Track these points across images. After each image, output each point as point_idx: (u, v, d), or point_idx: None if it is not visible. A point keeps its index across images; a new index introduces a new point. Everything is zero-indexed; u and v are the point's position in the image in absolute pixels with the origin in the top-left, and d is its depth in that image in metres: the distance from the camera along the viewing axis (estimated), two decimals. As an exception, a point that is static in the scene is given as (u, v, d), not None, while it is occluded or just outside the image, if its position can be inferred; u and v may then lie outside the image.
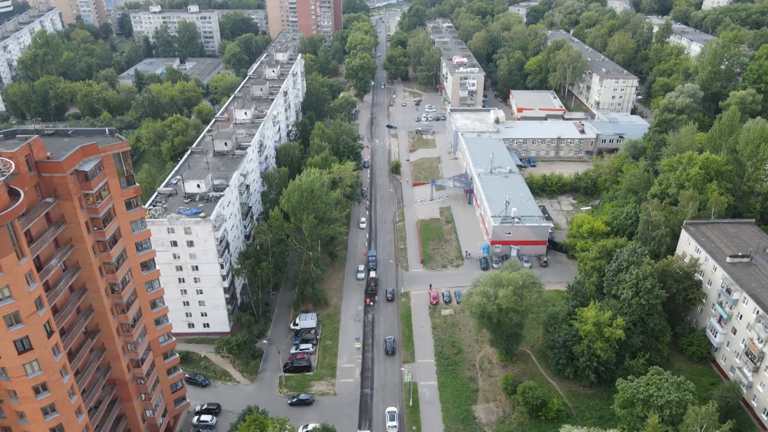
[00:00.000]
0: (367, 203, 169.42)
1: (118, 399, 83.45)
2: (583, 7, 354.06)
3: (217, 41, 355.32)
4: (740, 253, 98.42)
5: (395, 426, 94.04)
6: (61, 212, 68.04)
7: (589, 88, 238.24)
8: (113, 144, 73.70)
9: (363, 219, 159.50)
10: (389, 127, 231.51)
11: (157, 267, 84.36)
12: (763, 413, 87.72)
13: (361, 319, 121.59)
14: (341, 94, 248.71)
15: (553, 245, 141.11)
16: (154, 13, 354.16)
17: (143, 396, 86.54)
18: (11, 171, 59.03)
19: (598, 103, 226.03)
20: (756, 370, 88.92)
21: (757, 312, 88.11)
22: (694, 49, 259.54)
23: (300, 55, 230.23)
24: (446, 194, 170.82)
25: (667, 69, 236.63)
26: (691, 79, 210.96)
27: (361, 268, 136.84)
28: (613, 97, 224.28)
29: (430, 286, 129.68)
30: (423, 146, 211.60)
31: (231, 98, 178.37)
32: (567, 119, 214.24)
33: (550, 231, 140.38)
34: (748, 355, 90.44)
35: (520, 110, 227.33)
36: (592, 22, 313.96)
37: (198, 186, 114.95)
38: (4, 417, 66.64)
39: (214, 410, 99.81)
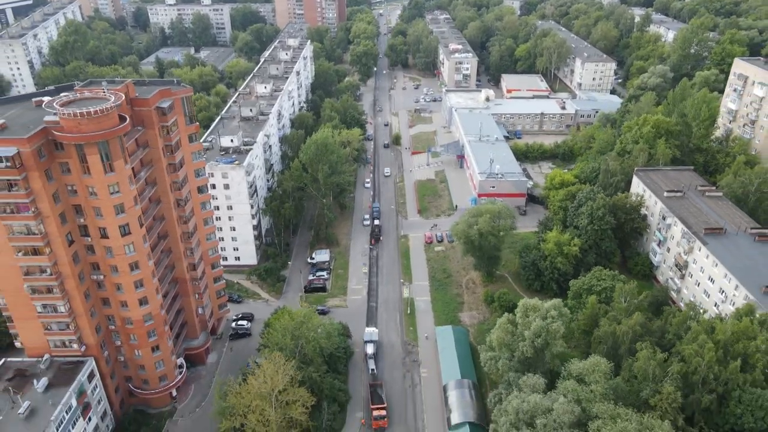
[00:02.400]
0: (371, 168, 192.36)
1: (179, 295, 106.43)
2: (574, 0, 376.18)
3: (229, 32, 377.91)
4: (675, 189, 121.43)
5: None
6: (146, 138, 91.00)
7: (572, 71, 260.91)
8: (180, 90, 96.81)
9: (368, 180, 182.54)
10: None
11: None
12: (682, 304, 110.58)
13: (367, 254, 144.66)
14: (346, 79, 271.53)
15: (531, 199, 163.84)
16: (170, 5, 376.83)
17: (197, 295, 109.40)
18: (120, 101, 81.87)
19: (580, 85, 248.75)
20: (682, 277, 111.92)
21: (683, 230, 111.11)
22: (671, 36, 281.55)
23: (309, 41, 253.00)
24: (441, 161, 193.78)
25: (645, 54, 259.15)
26: (664, 63, 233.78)
27: (367, 217, 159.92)
28: (593, 78, 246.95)
29: (433, 225, 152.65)
30: (421, 123, 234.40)
31: (251, 76, 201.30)
32: (551, 98, 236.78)
33: (528, 186, 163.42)
34: (677, 266, 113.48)
35: (509, 91, 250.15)
36: (580, 13, 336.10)
37: (231, 141, 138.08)
38: (105, 290, 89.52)
39: (249, 318, 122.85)
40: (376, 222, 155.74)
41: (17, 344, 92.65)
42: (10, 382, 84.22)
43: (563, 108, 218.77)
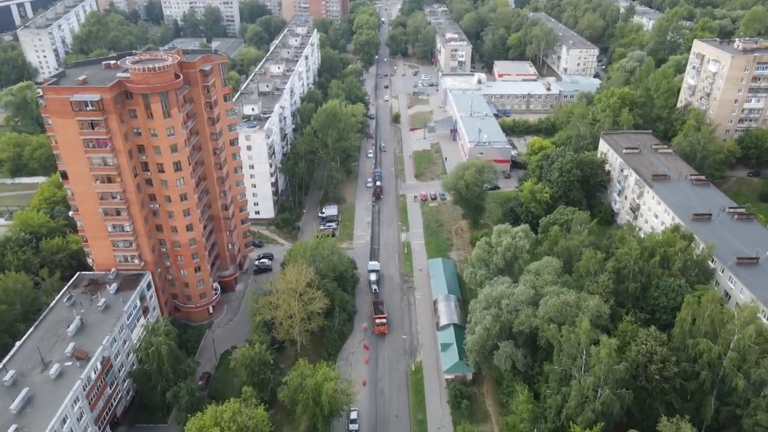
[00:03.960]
0: (373, 142, 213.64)
1: (213, 231, 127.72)
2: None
3: (238, 24, 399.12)
4: (632, 146, 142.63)
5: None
6: (191, 95, 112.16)
7: (559, 57, 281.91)
8: (218, 57, 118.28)
9: (370, 151, 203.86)
10: (386, 85, 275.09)
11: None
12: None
13: (370, 209, 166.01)
14: (349, 66, 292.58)
15: (515, 165, 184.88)
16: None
17: (228, 232, 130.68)
18: (176, 61, 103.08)
19: (565, 70, 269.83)
20: (635, 218, 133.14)
21: (636, 179, 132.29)
22: (651, 26, 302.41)
23: (315, 30, 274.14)
24: (436, 135, 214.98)
25: (627, 42, 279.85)
26: (643, 49, 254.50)
27: (369, 180, 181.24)
28: (578, 64, 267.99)
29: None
30: (419, 104, 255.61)
31: (265, 59, 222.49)
32: (538, 81, 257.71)
33: (513, 154, 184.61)
34: (631, 210, 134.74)
35: (500, 76, 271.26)
36: (570, 5, 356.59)
37: (252, 110, 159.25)
38: (159, 217, 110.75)
39: (269, 257, 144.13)
40: (378, 183, 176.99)
41: (89, 262, 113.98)
42: (87, 288, 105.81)
43: (548, 89, 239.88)
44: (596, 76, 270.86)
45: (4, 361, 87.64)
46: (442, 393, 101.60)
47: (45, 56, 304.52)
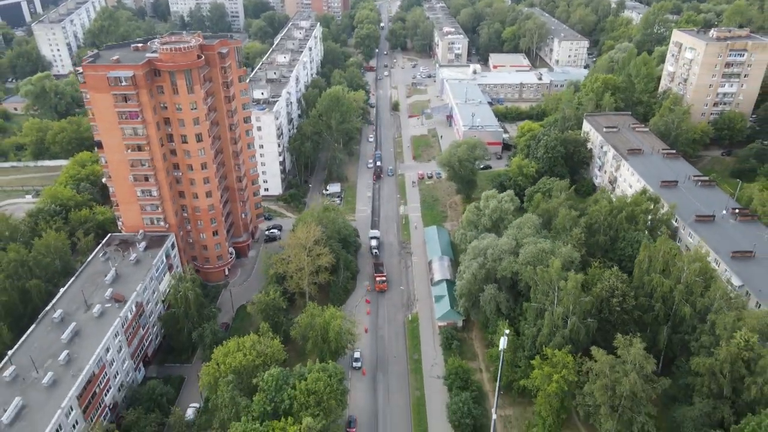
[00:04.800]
0: (374, 128, 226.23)
1: (229, 201, 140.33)
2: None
3: (242, 20, 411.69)
4: (611, 125, 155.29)
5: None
6: (210, 75, 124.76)
7: (551, 50, 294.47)
8: (233, 41, 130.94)
9: (371, 136, 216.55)
10: (383, 76, 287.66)
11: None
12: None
13: (371, 187, 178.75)
14: (351, 59, 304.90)
15: (506, 147, 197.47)
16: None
17: (241, 203, 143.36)
18: (198, 42, 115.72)
19: (557, 61, 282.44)
20: (613, 190, 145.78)
21: (614, 154, 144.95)
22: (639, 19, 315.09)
23: (318, 23, 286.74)
24: (433, 121, 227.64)
25: (617, 36, 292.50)
26: (630, 41, 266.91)
27: (371, 161, 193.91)
28: (569, 55, 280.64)
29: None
30: (417, 93, 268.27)
31: (271, 50, 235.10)
32: (531, 72, 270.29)
33: (504, 137, 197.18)
34: (609, 182, 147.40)
35: (495, 67, 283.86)
36: (564, 1, 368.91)
37: (262, 93, 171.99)
38: (181, 184, 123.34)
39: (278, 227, 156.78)
40: (378, 163, 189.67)
41: (119, 224, 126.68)
42: (119, 246, 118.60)
43: (540, 79, 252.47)
44: (586, 67, 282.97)
45: (53, 302, 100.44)
46: (435, 338, 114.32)
47: (58, 50, 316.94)
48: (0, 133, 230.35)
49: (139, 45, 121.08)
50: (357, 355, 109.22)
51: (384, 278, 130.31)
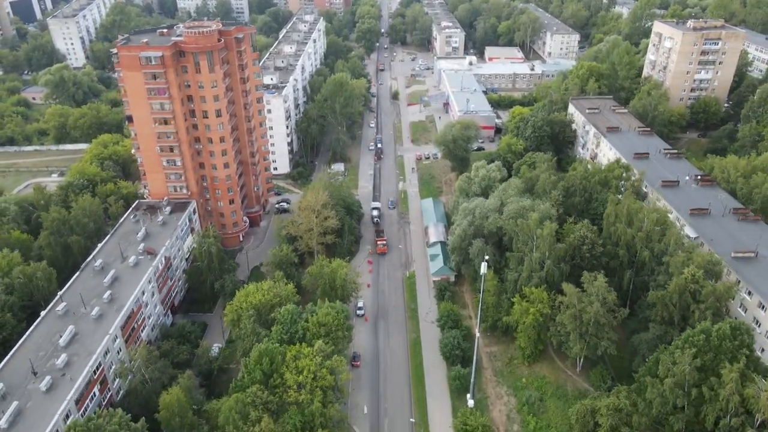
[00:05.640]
0: (375, 115, 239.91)
1: (243, 174, 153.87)
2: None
3: (247, 16, 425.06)
4: (594, 108, 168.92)
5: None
6: (228, 58, 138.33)
7: (544, 43, 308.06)
8: (248, 28, 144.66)
9: (372, 122, 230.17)
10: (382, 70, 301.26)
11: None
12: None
13: (372, 166, 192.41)
14: (352, 52, 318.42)
15: (498, 131, 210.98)
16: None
17: (254, 176, 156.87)
18: (218, 27, 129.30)
19: (549, 54, 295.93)
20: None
21: (594, 132, 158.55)
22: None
23: (321, 18, 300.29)
24: (431, 109, 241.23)
25: (607, 30, 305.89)
26: (619, 34, 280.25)
27: (372, 144, 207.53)
28: (561, 48, 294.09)
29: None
30: (416, 84, 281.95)
31: (278, 42, 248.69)
32: (524, 63, 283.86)
33: (497, 122, 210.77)
34: (591, 159, 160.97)
35: (491, 59, 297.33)
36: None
37: (271, 79, 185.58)
38: (201, 156, 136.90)
39: (287, 201, 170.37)
40: (379, 146, 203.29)
41: (146, 193, 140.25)
42: (146, 211, 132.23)
43: (532, 70, 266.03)
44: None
45: (93, 254, 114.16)
46: (430, 291, 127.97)
47: (72, 43, 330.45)
48: (22, 120, 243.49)
49: (164, 30, 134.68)
50: (360, 304, 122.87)
51: (384, 242, 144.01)
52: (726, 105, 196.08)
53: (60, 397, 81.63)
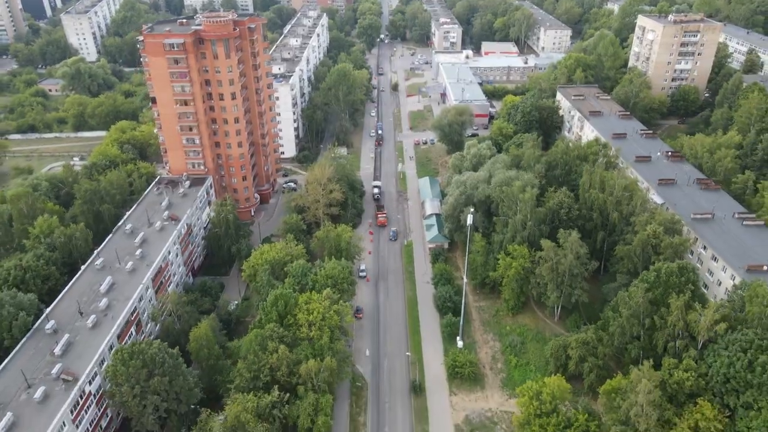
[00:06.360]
0: (375, 105, 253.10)
1: (254, 154, 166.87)
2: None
3: (252, 12, 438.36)
4: (579, 94, 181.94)
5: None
6: (241, 46, 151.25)
7: (538, 38, 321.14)
8: (260, 18, 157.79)
9: (373, 111, 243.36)
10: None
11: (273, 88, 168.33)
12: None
13: (373, 150, 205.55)
14: (353, 47, 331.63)
15: (491, 119, 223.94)
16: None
17: (264, 156, 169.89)
18: (234, 17, 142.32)
19: (543, 48, 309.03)
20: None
21: (579, 116, 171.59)
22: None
23: (324, 14, 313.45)
24: (429, 99, 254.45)
25: (598, 26, 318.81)
26: (610, 30, 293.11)
27: (373, 131, 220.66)
28: (553, 43, 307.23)
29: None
30: (415, 77, 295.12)
31: (283, 35, 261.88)
32: (518, 57, 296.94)
33: (491, 110, 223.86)
34: (576, 140, 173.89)
35: (486, 54, 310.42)
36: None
37: (279, 69, 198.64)
38: (217, 135, 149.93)
39: (294, 181, 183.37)
40: (380, 132, 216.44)
41: (166, 169, 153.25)
42: (168, 184, 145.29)
43: (526, 63, 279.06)
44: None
45: (122, 220, 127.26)
46: (426, 257, 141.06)
47: (85, 38, 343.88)
48: (42, 109, 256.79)
49: (184, 20, 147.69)
50: (362, 267, 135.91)
51: (384, 215, 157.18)
52: (706, 94, 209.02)
53: (104, 331, 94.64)
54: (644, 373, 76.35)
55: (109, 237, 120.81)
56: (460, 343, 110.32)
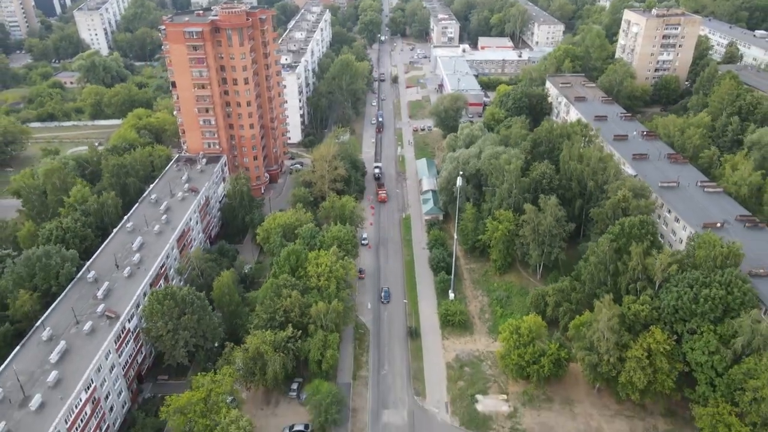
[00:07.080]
0: (376, 96, 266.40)
1: (263, 137, 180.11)
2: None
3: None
4: (566, 83, 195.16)
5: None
6: (253, 35, 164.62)
7: (532, 33, 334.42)
8: (270, 10, 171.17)
9: (374, 101, 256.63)
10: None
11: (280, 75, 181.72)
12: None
13: (374, 136, 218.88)
14: (355, 43, 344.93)
15: (486, 107, 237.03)
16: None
17: (273, 139, 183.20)
18: (246, 8, 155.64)
19: (537, 43, 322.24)
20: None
21: (565, 102, 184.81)
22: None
23: (327, 10, 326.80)
24: (427, 90, 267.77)
25: (590, 21, 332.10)
26: (600, 25, 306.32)
27: (374, 119, 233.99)
28: (547, 38, 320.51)
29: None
30: (414, 70, 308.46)
31: (289, 29, 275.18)
32: (512, 51, 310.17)
33: (485, 99, 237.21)
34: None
35: (483, 48, 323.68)
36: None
37: (285, 59, 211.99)
38: (231, 116, 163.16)
39: (300, 163, 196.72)
40: (380, 119, 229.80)
41: (184, 149, 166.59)
42: (186, 162, 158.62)
43: (520, 56, 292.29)
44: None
45: (148, 190, 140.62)
46: (422, 227, 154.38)
47: (96, 34, 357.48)
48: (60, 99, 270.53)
49: (201, 12, 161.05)
50: (364, 235, 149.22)
51: (385, 192, 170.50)
52: (687, 83, 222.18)
53: (139, 280, 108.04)
54: (605, 304, 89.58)
55: (136, 205, 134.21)
56: (451, 296, 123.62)
